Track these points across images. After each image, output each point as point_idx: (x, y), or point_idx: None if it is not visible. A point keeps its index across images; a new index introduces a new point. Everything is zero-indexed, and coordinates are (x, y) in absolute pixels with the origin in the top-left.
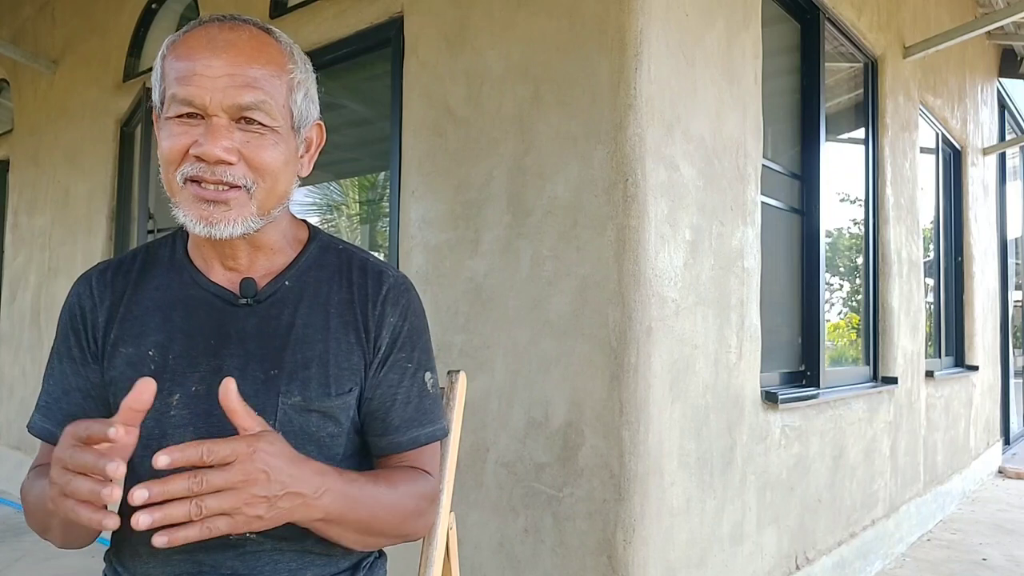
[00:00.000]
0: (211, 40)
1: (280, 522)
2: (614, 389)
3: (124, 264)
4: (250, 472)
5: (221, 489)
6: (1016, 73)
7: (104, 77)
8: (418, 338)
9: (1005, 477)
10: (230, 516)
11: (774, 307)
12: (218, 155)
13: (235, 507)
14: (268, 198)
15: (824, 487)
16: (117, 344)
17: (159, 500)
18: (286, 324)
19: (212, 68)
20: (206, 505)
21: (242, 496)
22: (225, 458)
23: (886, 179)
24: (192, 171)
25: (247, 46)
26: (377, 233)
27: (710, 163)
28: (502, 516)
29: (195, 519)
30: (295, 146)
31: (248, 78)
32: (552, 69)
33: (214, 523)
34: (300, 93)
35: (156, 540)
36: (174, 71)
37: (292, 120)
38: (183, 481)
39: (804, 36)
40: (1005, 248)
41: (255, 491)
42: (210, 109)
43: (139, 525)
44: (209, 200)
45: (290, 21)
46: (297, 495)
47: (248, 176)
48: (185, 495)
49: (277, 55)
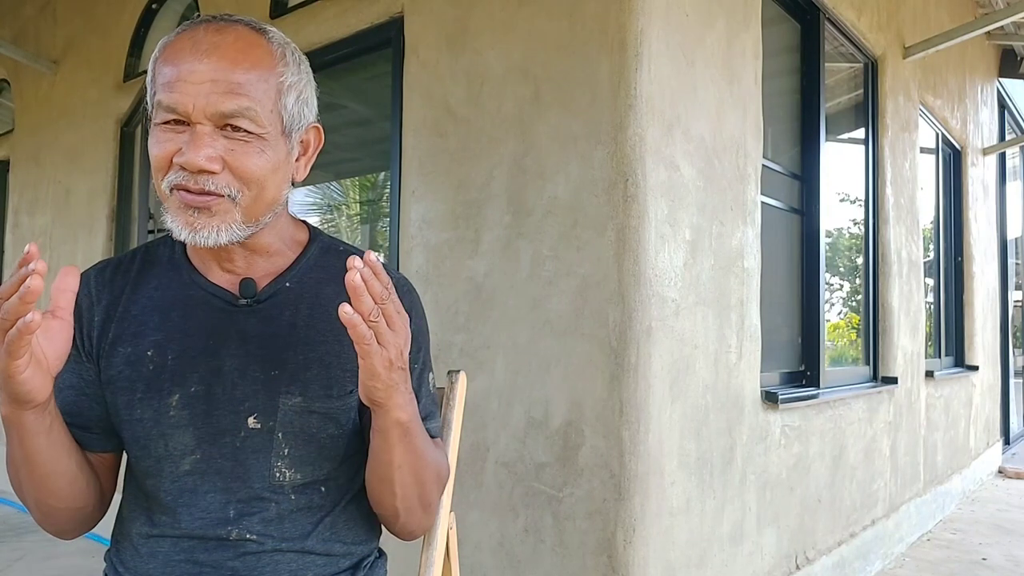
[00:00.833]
0: (196, 44)
1: (389, 395)
2: (614, 389)
3: (123, 263)
4: (405, 328)
5: (392, 319)
6: (1016, 73)
7: (105, 77)
8: (422, 339)
9: (1005, 477)
10: (381, 345)
11: (774, 307)
12: (200, 164)
13: (393, 342)
14: (254, 206)
15: (824, 487)
16: (115, 343)
17: (358, 282)
18: (287, 325)
19: (196, 74)
20: (380, 322)
21: (397, 339)
22: (399, 306)
23: (886, 179)
24: (176, 179)
25: (232, 49)
26: (377, 233)
27: (710, 163)
28: (502, 516)
29: (372, 318)
30: (285, 151)
31: (232, 84)
32: (552, 69)
33: (374, 339)
34: (291, 97)
35: (344, 307)
36: (161, 76)
37: (282, 125)
38: (379, 286)
39: (804, 36)
40: (1005, 248)
41: (401, 343)
42: (193, 116)
43: (343, 310)
44: (193, 207)
45: (290, 21)
46: (404, 372)
47: (232, 185)
48: (377, 299)
49: (266, 57)
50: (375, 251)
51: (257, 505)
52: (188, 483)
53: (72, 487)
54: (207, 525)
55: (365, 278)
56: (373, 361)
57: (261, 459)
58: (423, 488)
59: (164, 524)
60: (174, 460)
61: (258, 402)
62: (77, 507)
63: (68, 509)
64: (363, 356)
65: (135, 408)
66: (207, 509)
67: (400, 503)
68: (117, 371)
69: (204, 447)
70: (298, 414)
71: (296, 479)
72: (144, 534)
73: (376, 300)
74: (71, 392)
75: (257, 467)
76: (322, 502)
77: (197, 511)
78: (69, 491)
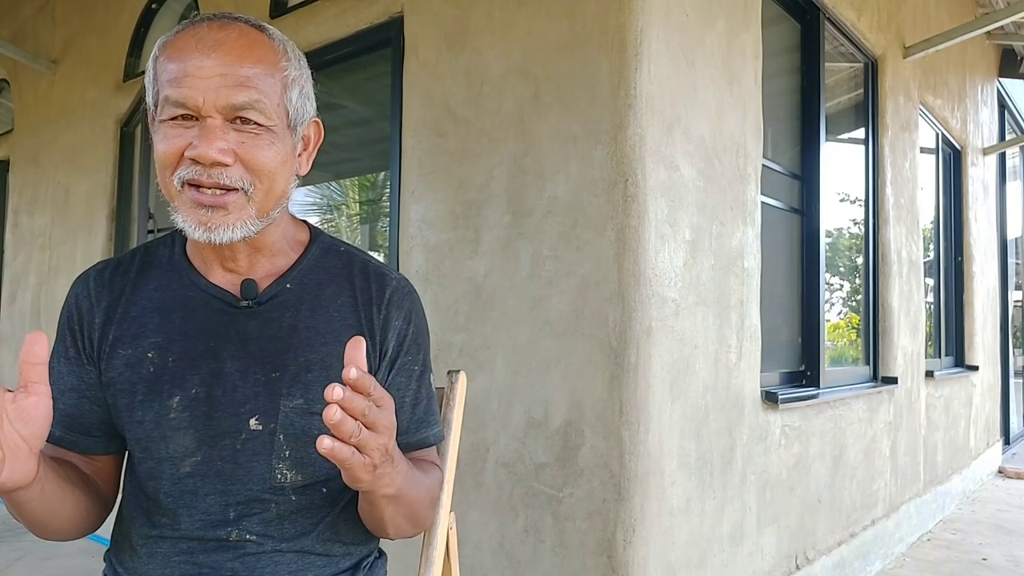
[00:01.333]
0: (201, 40)
1: (375, 484)
2: (614, 389)
3: (122, 264)
4: (391, 423)
5: (375, 425)
6: (1016, 73)
7: (104, 77)
8: (423, 341)
9: (1005, 477)
10: (364, 454)
11: (774, 307)
12: (214, 157)
13: (376, 446)
14: (266, 199)
15: (824, 487)
16: (115, 345)
17: (338, 418)
18: (288, 327)
19: (204, 68)
20: (362, 435)
21: (381, 440)
22: (380, 400)
23: (886, 179)
24: (188, 174)
25: (237, 44)
26: (377, 233)
27: (710, 163)
28: (502, 516)
29: (352, 440)
30: (292, 145)
31: (241, 77)
32: (552, 69)
33: (356, 454)
34: (295, 91)
35: (323, 442)
36: (166, 73)
37: (288, 118)
38: (362, 401)
39: (804, 36)
40: (1005, 248)
41: (386, 441)
42: (204, 110)
43: (321, 445)
44: (207, 205)
45: (290, 21)
46: (393, 462)
47: (245, 177)
48: (358, 416)
49: (269, 53)
50: (375, 251)
51: (257, 506)
52: (188, 485)
53: (71, 521)
54: (207, 526)
55: (345, 404)
56: (355, 472)
57: (262, 461)
58: (416, 519)
59: (164, 525)
60: (174, 462)
61: (259, 404)
62: (79, 529)
63: (70, 532)
64: (344, 468)
65: (136, 410)
66: (207, 511)
67: (393, 534)
68: (117, 373)
69: (204, 449)
70: (299, 416)
71: (297, 480)
72: (144, 535)
73: (358, 417)
74: (72, 395)
75: (258, 469)
76: (322, 503)
77: (197, 513)
78: (69, 525)
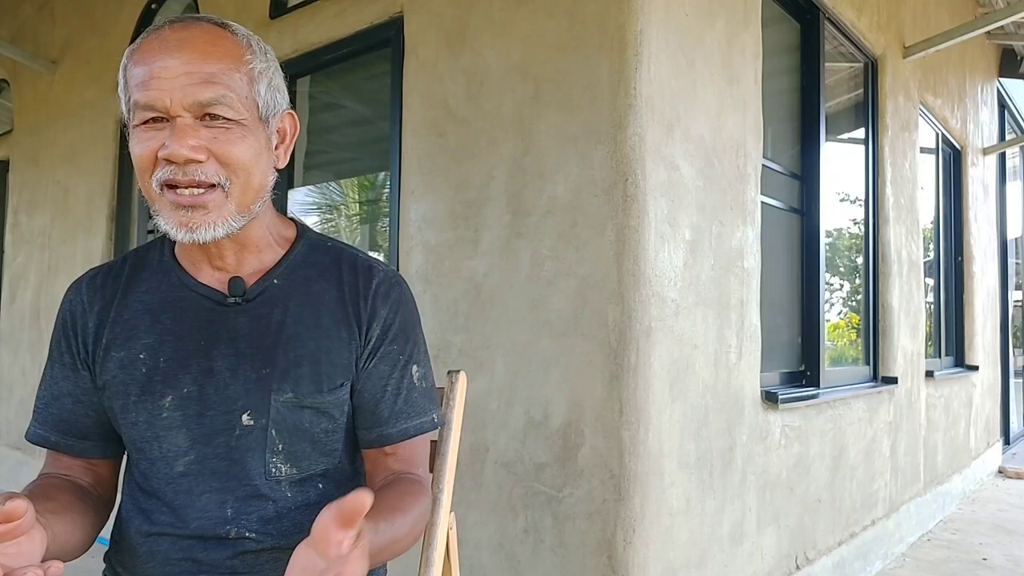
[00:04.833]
0: (164, 42)
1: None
2: (614, 389)
3: (114, 269)
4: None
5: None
6: (1016, 73)
7: (104, 77)
8: (410, 331)
9: (1005, 477)
10: None
11: (774, 307)
12: (185, 154)
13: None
14: (245, 194)
15: (824, 487)
16: (109, 348)
17: None
18: (277, 322)
19: (168, 69)
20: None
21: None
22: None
23: (886, 179)
24: (165, 175)
25: (200, 42)
26: (377, 233)
27: (710, 163)
28: (502, 516)
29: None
30: (265, 138)
31: (205, 74)
32: (552, 69)
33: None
34: (263, 83)
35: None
36: (134, 78)
37: (258, 111)
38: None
39: (804, 36)
40: (1005, 248)
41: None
42: (172, 110)
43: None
44: (186, 206)
45: (290, 21)
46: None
47: (220, 173)
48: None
49: (233, 48)
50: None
51: (255, 503)
52: (184, 484)
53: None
54: (205, 524)
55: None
56: None
57: (256, 456)
58: (414, 540)
59: (163, 524)
60: (168, 461)
61: (250, 400)
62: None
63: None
64: None
65: (130, 412)
66: (205, 509)
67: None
68: (111, 376)
69: (198, 447)
70: (290, 410)
71: (292, 473)
72: (143, 533)
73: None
74: (68, 400)
75: (253, 464)
76: (319, 499)
77: (195, 511)
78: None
